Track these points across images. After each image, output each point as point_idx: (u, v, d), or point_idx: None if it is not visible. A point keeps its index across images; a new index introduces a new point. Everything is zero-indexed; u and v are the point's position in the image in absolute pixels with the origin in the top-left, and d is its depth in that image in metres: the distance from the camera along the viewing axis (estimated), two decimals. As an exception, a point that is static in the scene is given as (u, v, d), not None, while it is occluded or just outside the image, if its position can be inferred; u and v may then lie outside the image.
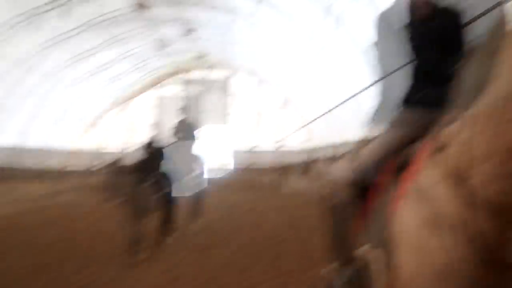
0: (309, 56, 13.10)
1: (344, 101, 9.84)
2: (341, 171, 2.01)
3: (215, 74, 19.08)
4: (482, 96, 1.14)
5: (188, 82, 19.07)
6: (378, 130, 1.95)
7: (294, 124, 17.44)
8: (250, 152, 18.69)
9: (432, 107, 1.61)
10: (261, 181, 17.02)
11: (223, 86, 19.32)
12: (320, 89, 13.77)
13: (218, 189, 12.00)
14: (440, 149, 1.31)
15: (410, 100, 1.83)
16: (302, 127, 16.38)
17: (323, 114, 12.29)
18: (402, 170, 1.57)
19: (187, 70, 18.94)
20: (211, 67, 18.77)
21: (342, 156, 2.28)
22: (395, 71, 1.83)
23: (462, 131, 1.20)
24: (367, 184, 1.81)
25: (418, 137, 1.63)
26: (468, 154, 1.15)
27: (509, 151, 1.00)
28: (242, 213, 9.40)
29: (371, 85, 1.99)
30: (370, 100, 2.01)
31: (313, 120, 14.22)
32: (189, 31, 14.42)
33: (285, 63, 15.14)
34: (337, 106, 10.48)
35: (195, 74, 19.04)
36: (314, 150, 15.65)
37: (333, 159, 10.22)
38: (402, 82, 1.86)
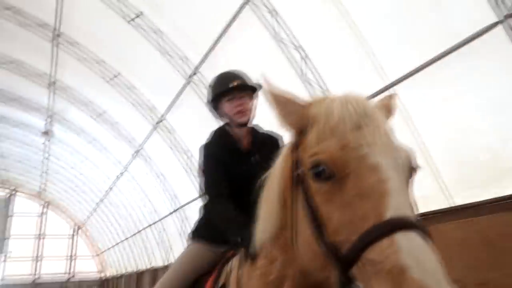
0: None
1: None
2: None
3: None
4: (253, 239, 1.30)
5: None
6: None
7: None
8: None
9: (220, 243, 1.71)
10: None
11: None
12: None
13: None
14: None
15: (201, 234, 1.88)
16: None
17: None
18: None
19: None
20: None
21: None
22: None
23: (237, 269, 1.35)
24: None
25: (207, 271, 1.69)
26: None
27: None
28: None
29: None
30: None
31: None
32: None
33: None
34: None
35: None
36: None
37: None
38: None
